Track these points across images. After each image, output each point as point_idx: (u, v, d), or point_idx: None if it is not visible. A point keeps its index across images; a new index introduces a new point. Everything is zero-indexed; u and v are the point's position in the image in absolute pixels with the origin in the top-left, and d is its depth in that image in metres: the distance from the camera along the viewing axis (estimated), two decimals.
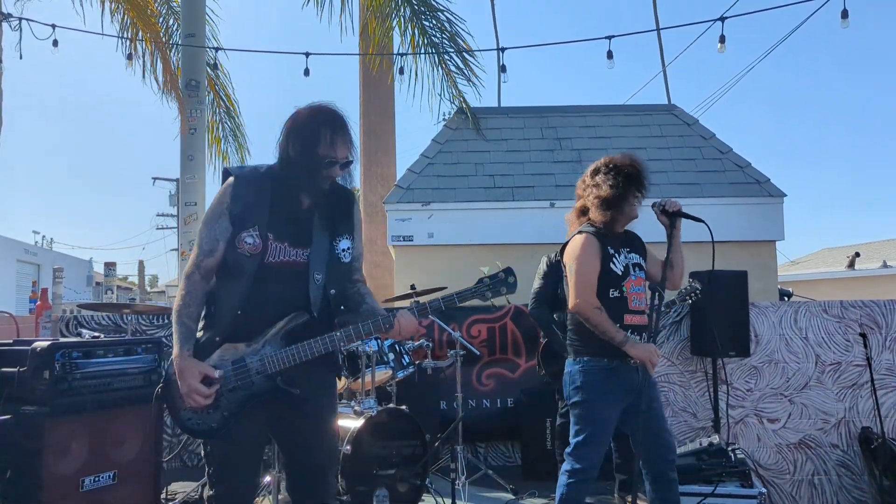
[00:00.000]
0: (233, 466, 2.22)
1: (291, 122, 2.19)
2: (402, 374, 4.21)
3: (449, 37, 6.86)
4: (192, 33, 6.71)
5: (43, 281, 17.87)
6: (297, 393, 2.19)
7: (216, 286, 2.20)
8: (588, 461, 2.81)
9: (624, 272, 2.89)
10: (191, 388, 2.09)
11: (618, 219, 2.90)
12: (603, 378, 2.79)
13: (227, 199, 2.17)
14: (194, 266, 2.17)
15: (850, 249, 18.93)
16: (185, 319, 2.15)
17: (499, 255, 5.72)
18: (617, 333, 2.76)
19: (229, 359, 2.16)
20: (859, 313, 4.70)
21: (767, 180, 6.10)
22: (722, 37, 5.88)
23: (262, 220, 2.15)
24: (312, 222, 2.21)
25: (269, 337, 2.17)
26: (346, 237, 2.28)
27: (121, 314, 4.73)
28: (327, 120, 2.15)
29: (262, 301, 2.17)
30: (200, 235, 2.19)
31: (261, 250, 2.15)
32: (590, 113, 6.92)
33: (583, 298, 2.80)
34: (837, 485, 4.57)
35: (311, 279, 2.20)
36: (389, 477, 3.56)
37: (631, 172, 2.88)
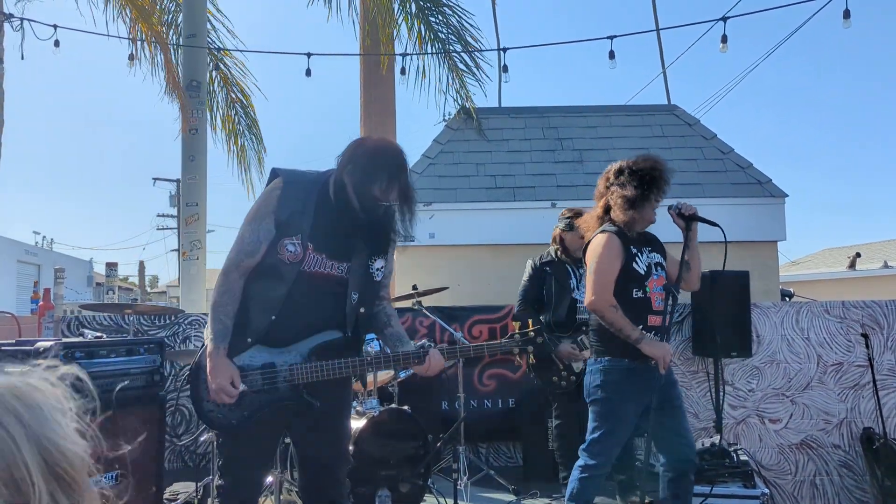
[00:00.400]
0: (242, 461, 2.28)
1: (356, 147, 2.21)
2: (404, 374, 4.20)
3: (455, 32, 6.85)
4: (194, 33, 6.72)
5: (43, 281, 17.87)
6: (317, 405, 2.23)
7: (253, 288, 2.22)
8: (602, 457, 2.85)
9: (647, 272, 2.92)
10: (220, 387, 2.14)
11: (639, 219, 2.93)
12: (623, 378, 2.82)
13: (273, 203, 2.19)
14: (234, 265, 2.20)
15: (851, 250, 18.92)
16: (221, 316, 2.18)
17: (500, 256, 5.72)
18: (633, 331, 2.78)
19: (260, 361, 2.21)
20: (861, 314, 4.70)
21: (769, 180, 6.10)
22: (724, 37, 5.88)
23: (305, 229, 2.18)
24: (352, 238, 2.23)
25: (301, 348, 2.21)
26: (381, 257, 2.30)
27: (122, 315, 4.72)
28: (388, 164, 2.17)
29: (298, 310, 2.20)
30: (243, 233, 2.20)
31: (300, 259, 2.18)
32: (591, 113, 6.92)
33: (599, 296, 2.83)
34: (839, 485, 4.57)
35: (349, 297, 2.23)
36: (391, 477, 3.56)
37: (655, 175, 2.92)
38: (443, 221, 5.96)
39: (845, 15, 5.30)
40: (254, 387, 2.19)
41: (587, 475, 2.85)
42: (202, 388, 2.22)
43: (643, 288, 2.88)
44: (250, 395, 2.19)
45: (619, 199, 2.91)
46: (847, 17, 5.30)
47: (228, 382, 2.14)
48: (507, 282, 4.64)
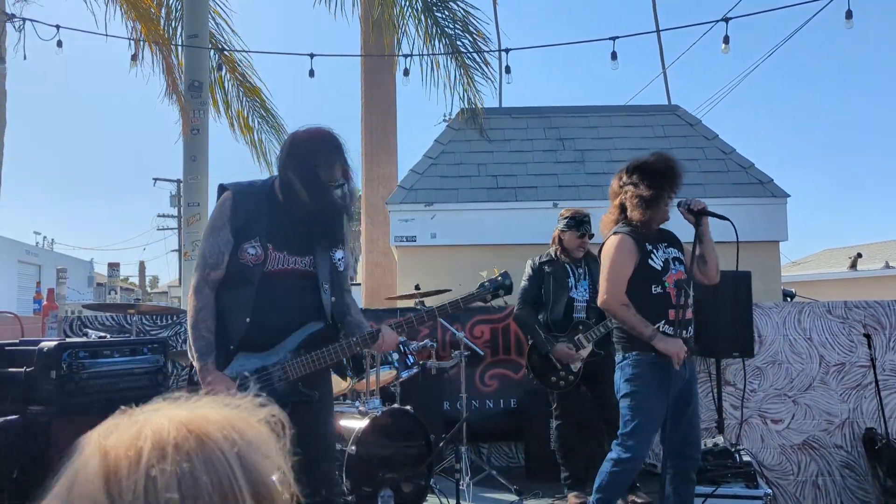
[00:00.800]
0: None
1: (290, 144, 2.30)
2: (407, 374, 4.21)
3: (463, 27, 6.84)
4: (196, 34, 6.72)
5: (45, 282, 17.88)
6: (316, 396, 2.28)
7: (223, 297, 2.27)
8: (635, 451, 2.87)
9: (664, 267, 2.96)
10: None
11: (655, 218, 2.97)
12: (651, 371, 2.85)
13: (227, 213, 2.26)
14: (202, 280, 2.24)
15: (852, 250, 18.91)
16: (203, 333, 2.21)
17: (502, 256, 5.72)
18: (645, 328, 2.83)
19: (251, 368, 2.23)
20: (863, 314, 4.70)
21: (770, 181, 6.10)
22: (726, 37, 5.89)
23: (262, 231, 2.24)
24: (311, 233, 2.31)
25: (288, 345, 2.24)
26: (340, 247, 2.38)
27: (125, 314, 4.73)
28: (325, 145, 2.26)
29: (272, 308, 2.24)
30: (203, 249, 2.27)
31: (262, 260, 2.23)
32: (592, 113, 6.92)
33: (610, 294, 2.89)
34: (841, 486, 4.57)
35: (321, 287, 2.29)
36: (394, 477, 3.55)
37: (668, 173, 2.96)
38: (444, 221, 5.97)
39: (847, 15, 5.30)
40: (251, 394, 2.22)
41: (619, 469, 2.87)
42: None
43: (662, 284, 2.92)
44: None
45: (634, 198, 2.94)
46: (849, 17, 5.30)
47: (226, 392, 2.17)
48: None
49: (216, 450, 0.66)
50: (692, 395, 3.00)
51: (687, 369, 2.96)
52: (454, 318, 4.84)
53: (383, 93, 8.92)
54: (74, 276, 20.59)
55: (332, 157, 2.25)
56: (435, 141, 6.63)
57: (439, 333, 4.85)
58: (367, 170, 9.08)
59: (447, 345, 4.82)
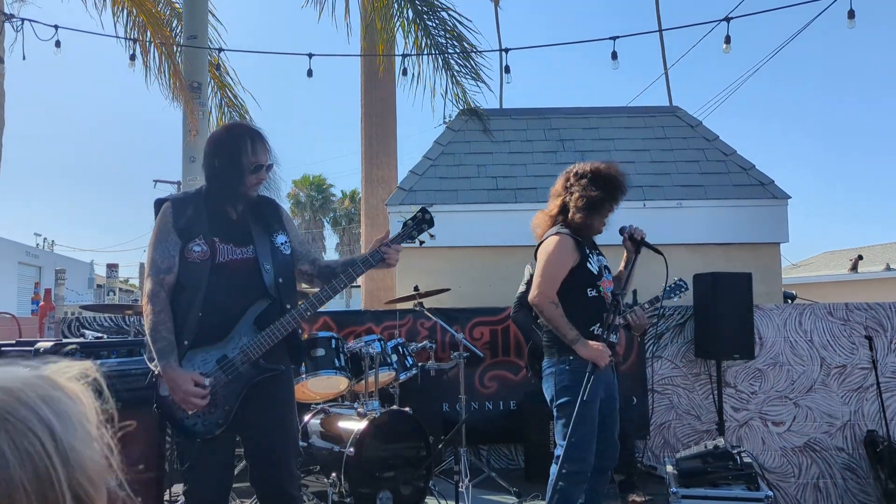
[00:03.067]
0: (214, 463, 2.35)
1: (211, 141, 2.45)
2: (406, 375, 4.19)
3: (454, 36, 6.83)
4: (195, 35, 6.71)
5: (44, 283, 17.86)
6: (281, 368, 2.37)
7: (175, 297, 2.34)
8: (584, 462, 2.84)
9: (599, 272, 3.00)
10: (186, 393, 2.22)
11: (593, 224, 3.00)
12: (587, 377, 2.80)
13: (169, 220, 2.37)
14: (158, 285, 2.32)
15: (853, 252, 18.90)
16: (164, 334, 2.28)
17: (501, 257, 5.71)
18: (569, 331, 2.83)
19: (212, 359, 2.30)
20: (864, 316, 4.68)
21: (771, 182, 6.09)
22: (727, 37, 5.87)
23: (204, 228, 2.36)
24: (248, 225, 2.43)
25: (241, 329, 2.32)
26: (281, 233, 2.49)
27: (123, 315, 4.71)
28: (245, 132, 2.42)
29: (221, 299, 2.32)
30: (153, 257, 2.35)
31: (209, 255, 2.33)
32: (593, 115, 6.90)
33: (542, 292, 2.90)
34: (843, 488, 4.55)
35: (262, 269, 2.38)
36: (393, 479, 3.53)
37: (617, 184, 2.99)
38: (444, 223, 5.90)
39: (850, 15, 5.29)
40: (221, 383, 2.29)
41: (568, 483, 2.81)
42: (174, 410, 2.28)
43: (597, 287, 2.96)
44: (221, 391, 2.28)
45: (580, 200, 2.95)
46: (851, 17, 5.28)
47: (192, 385, 2.22)
48: (509, 283, 4.63)
49: (27, 432, 0.57)
50: (614, 398, 3.03)
51: (613, 373, 3.02)
52: (453, 320, 4.82)
53: (383, 95, 8.91)
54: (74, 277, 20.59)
55: (253, 138, 2.38)
56: (434, 142, 6.61)
57: (438, 335, 4.83)
58: (367, 172, 9.08)
59: (446, 346, 4.81)
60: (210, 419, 2.28)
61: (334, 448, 3.55)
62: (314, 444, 3.72)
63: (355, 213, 29.46)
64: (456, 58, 6.75)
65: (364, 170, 9.15)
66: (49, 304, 4.54)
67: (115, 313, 4.85)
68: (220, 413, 2.28)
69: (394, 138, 9.26)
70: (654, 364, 4.76)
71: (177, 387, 2.22)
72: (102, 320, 4.86)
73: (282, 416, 2.41)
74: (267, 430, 2.37)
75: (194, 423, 2.28)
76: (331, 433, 3.70)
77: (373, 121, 9.08)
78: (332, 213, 33.50)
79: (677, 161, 6.36)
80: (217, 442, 2.31)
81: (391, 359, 4.12)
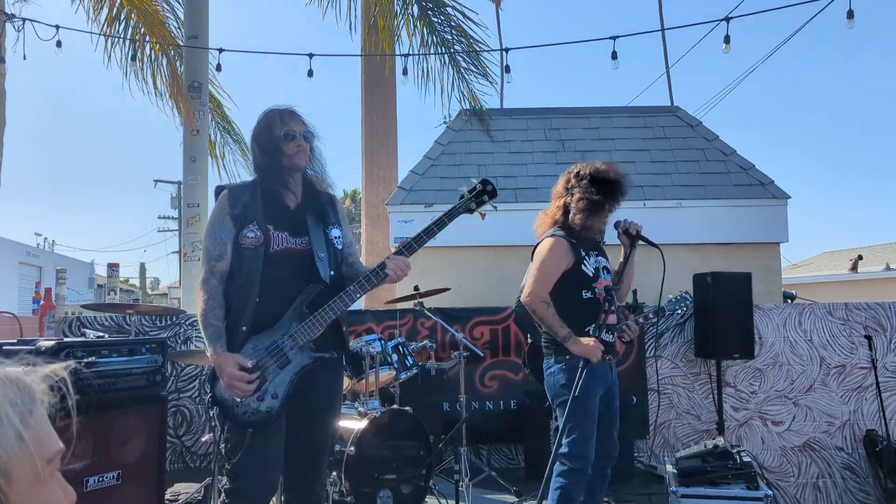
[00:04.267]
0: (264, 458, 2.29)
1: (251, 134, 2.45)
2: (406, 375, 4.20)
3: (460, 33, 6.82)
4: (195, 35, 6.72)
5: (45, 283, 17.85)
6: (331, 355, 2.35)
7: (231, 284, 2.33)
8: (584, 459, 2.86)
9: (595, 274, 3.00)
10: (231, 376, 2.21)
11: (594, 226, 3.00)
12: (588, 374, 2.81)
13: (225, 206, 2.36)
14: (209, 272, 2.32)
15: (853, 252, 18.90)
16: (212, 321, 2.27)
17: (502, 257, 5.71)
18: (561, 329, 2.86)
19: (262, 346, 2.28)
20: (864, 315, 4.68)
21: (771, 182, 6.09)
22: (727, 37, 5.87)
23: (259, 215, 2.34)
24: (305, 215, 2.41)
25: (292, 314, 2.30)
26: (335, 227, 2.47)
27: (124, 315, 4.72)
28: (272, 110, 2.42)
29: (277, 286, 2.30)
30: (207, 244, 2.35)
31: (263, 241, 2.32)
32: (593, 115, 6.91)
33: (534, 292, 2.93)
34: (842, 488, 4.55)
35: (316, 257, 2.36)
36: (393, 478, 3.54)
37: (617, 185, 2.99)
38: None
39: (849, 15, 5.29)
40: (269, 368, 2.26)
41: (570, 480, 2.84)
42: (226, 397, 2.26)
43: (592, 289, 2.97)
44: (271, 377, 2.26)
45: (580, 201, 2.96)
46: (850, 17, 5.29)
47: (236, 368, 2.20)
48: (509, 283, 4.63)
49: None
50: (614, 397, 3.05)
51: (612, 372, 3.04)
52: (454, 319, 4.83)
53: (383, 94, 8.92)
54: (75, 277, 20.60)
55: (283, 113, 2.38)
56: (435, 142, 6.62)
57: (438, 335, 4.84)
58: (368, 171, 9.08)
59: (446, 346, 4.81)
60: (259, 406, 2.25)
61: (335, 447, 3.56)
62: None
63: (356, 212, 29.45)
64: (462, 54, 6.74)
65: (364, 169, 9.15)
66: (49, 303, 4.54)
67: (116, 312, 4.86)
68: (269, 401, 2.26)
69: (394, 138, 9.27)
70: (654, 364, 4.77)
71: (221, 371, 2.22)
72: (103, 319, 4.87)
73: (321, 416, 2.40)
74: (305, 427, 2.36)
75: (244, 412, 2.24)
76: None
77: (373, 120, 9.08)
78: None
79: (677, 161, 6.37)
80: (269, 435, 2.26)
81: (391, 358, 4.13)
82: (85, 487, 2.78)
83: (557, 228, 3.05)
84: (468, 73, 6.73)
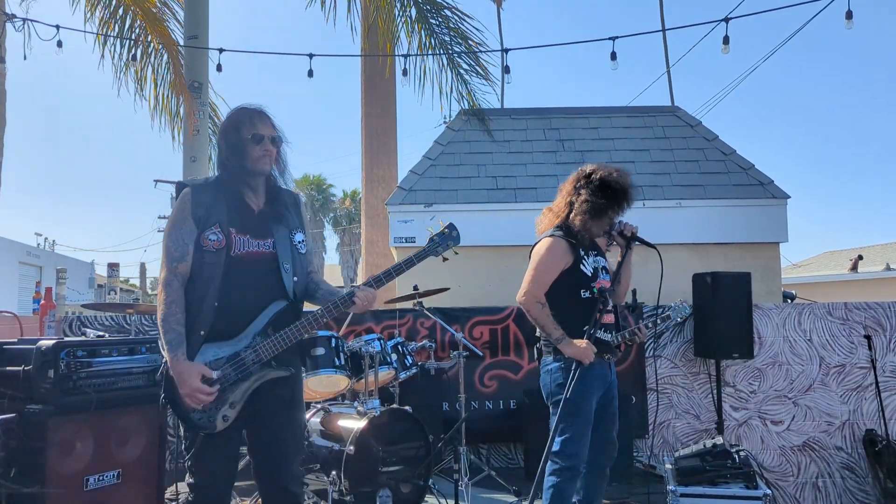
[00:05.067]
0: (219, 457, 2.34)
1: (219, 131, 2.45)
2: (405, 374, 4.20)
3: (458, 34, 6.83)
4: (195, 35, 6.73)
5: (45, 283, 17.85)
6: (291, 371, 2.36)
7: (191, 287, 2.31)
8: (576, 458, 2.88)
9: (593, 274, 3.01)
10: (192, 388, 2.20)
11: (593, 230, 3.01)
12: (585, 373, 2.83)
13: (187, 206, 2.33)
14: (171, 274, 2.29)
15: (853, 252, 18.90)
16: (173, 325, 2.25)
17: (501, 257, 5.72)
18: (555, 330, 2.89)
19: (224, 355, 2.28)
20: (864, 315, 4.69)
21: (771, 182, 6.10)
22: (726, 38, 5.87)
23: (221, 217, 2.32)
24: (268, 217, 2.39)
25: (255, 327, 2.30)
26: (299, 231, 2.46)
27: (124, 314, 4.73)
28: (242, 109, 2.40)
29: (238, 292, 2.29)
30: (168, 244, 2.31)
31: (225, 244, 2.30)
32: (593, 115, 6.91)
33: (530, 293, 2.95)
34: (842, 487, 4.56)
35: (282, 268, 2.36)
36: (392, 478, 3.55)
37: (623, 195, 2.98)
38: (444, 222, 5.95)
39: (847, 16, 5.30)
40: (230, 379, 2.27)
41: (562, 479, 2.87)
42: (182, 404, 2.27)
43: (591, 289, 2.98)
44: (229, 388, 2.27)
45: (584, 203, 2.96)
46: (849, 17, 5.29)
47: (199, 381, 2.20)
48: (508, 283, 4.63)
49: None
50: (613, 396, 3.05)
51: (612, 371, 3.05)
52: (453, 319, 4.83)
53: (383, 95, 8.93)
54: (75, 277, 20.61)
55: (252, 115, 2.37)
56: (434, 142, 6.62)
57: (438, 334, 4.85)
58: (367, 171, 9.09)
59: (446, 345, 4.82)
60: (215, 414, 2.26)
61: (334, 447, 3.56)
62: (314, 442, 3.73)
63: (356, 212, 29.47)
64: (461, 56, 6.75)
65: (364, 169, 9.16)
66: (50, 303, 4.54)
67: (117, 312, 4.86)
68: (225, 409, 2.27)
69: (394, 138, 9.28)
70: (654, 363, 4.77)
71: (183, 381, 2.20)
72: (104, 319, 4.88)
73: (289, 416, 2.40)
74: (274, 428, 2.37)
75: (199, 418, 2.26)
76: (331, 432, 3.71)
77: (373, 120, 9.09)
78: (333, 213, 33.50)
79: (677, 161, 6.37)
80: (223, 435, 2.30)
81: (391, 358, 4.13)
82: (85, 486, 2.79)
83: (556, 228, 3.05)
84: (468, 73, 6.74)
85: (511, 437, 4.91)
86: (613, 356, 3.08)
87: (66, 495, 2.71)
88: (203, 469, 2.33)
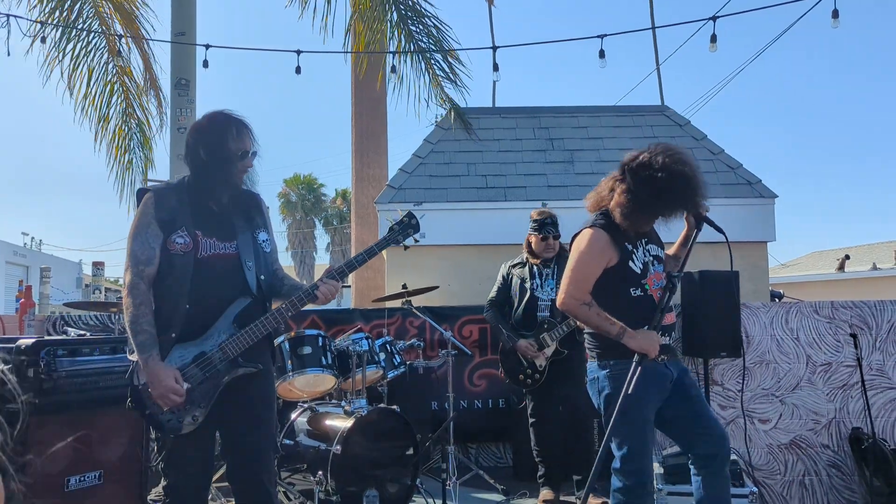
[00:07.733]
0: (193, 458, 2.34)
1: (195, 131, 2.40)
2: (394, 373, 4.19)
3: (435, 42, 6.83)
4: (182, 31, 6.68)
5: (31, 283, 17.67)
6: (259, 367, 2.34)
7: (158, 289, 2.31)
8: (641, 474, 2.55)
9: (643, 270, 2.64)
10: (166, 389, 2.19)
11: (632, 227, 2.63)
12: (641, 378, 2.41)
13: (151, 210, 2.33)
14: (137, 277, 2.28)
15: (840, 252, 19.04)
16: (144, 327, 2.24)
17: (490, 256, 5.70)
18: (611, 326, 2.50)
19: (190, 356, 2.27)
20: (850, 314, 4.71)
21: (759, 181, 6.12)
22: (713, 36, 5.88)
23: (187, 220, 2.32)
24: (232, 218, 2.41)
25: (221, 326, 2.30)
26: (262, 230, 2.47)
27: (108, 313, 4.67)
28: (228, 119, 2.38)
29: (206, 293, 2.30)
30: (133, 248, 2.30)
31: (192, 247, 2.31)
32: (582, 114, 6.92)
33: (569, 294, 2.57)
34: (828, 485, 4.58)
35: (244, 266, 2.37)
36: (380, 477, 3.53)
37: (681, 195, 2.59)
38: (433, 221, 5.92)
39: (834, 15, 5.32)
40: (197, 380, 2.26)
41: (628, 498, 2.55)
42: (150, 405, 2.26)
43: (642, 286, 2.61)
44: (197, 388, 2.26)
45: (624, 195, 2.58)
46: (835, 16, 5.32)
47: (173, 382, 2.19)
48: None
49: None
50: (688, 385, 2.68)
51: (671, 369, 2.66)
52: (442, 318, 4.82)
53: (373, 94, 8.89)
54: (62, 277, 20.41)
55: (238, 125, 2.36)
56: (424, 140, 6.60)
57: (427, 333, 4.83)
58: (357, 170, 9.05)
59: (435, 344, 4.80)
60: (183, 416, 2.25)
61: (321, 446, 3.54)
62: (301, 442, 3.71)
63: (347, 212, 29.39)
64: (439, 62, 6.76)
65: (354, 169, 9.13)
66: (29, 301, 4.49)
67: (100, 311, 4.81)
68: (194, 410, 2.26)
69: (384, 137, 9.25)
70: None
71: (157, 382, 2.18)
72: (87, 318, 4.82)
73: (260, 414, 2.38)
74: (245, 426, 2.35)
75: (168, 419, 2.25)
76: (318, 431, 3.68)
77: (363, 119, 9.05)
78: (324, 213, 33.37)
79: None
80: (195, 437, 2.29)
81: (379, 357, 4.11)
82: (66, 487, 2.75)
83: (599, 215, 2.66)
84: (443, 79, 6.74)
85: (499, 437, 4.90)
86: (672, 356, 2.70)
87: (47, 496, 2.67)
88: (176, 471, 2.33)
